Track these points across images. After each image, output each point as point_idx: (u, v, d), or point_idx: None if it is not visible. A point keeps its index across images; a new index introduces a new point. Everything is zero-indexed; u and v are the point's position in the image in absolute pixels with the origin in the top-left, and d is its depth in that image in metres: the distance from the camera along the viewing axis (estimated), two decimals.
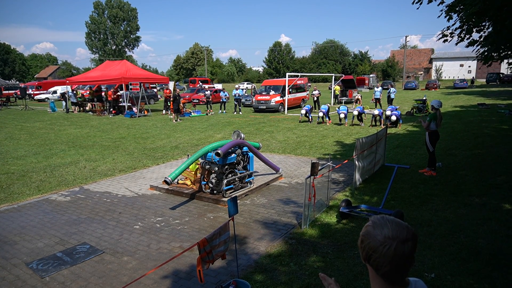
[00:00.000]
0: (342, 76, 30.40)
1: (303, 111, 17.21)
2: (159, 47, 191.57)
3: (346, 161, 7.94)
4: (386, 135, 8.94)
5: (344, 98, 27.76)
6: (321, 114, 16.81)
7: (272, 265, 4.29)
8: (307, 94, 26.73)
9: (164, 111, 22.97)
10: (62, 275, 4.21)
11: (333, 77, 26.95)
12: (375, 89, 21.39)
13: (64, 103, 25.55)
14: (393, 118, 14.60)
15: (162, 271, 4.20)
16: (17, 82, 47.88)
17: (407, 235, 1.21)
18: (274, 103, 22.66)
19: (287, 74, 23.60)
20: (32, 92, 40.19)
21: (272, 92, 23.66)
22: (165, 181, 6.17)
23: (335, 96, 26.91)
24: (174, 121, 18.83)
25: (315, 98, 23.49)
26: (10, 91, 36.00)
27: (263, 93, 24.13)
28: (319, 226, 5.41)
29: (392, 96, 20.83)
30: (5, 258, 4.62)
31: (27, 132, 15.93)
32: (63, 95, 26.11)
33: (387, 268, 1.21)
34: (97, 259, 4.57)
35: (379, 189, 6.95)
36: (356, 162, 6.86)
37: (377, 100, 21.81)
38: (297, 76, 25.48)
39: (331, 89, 30.10)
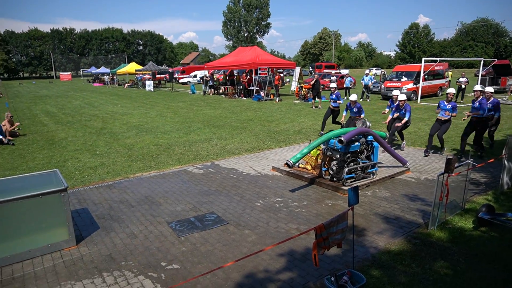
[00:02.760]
0: (495, 60, 25.85)
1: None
2: (288, 33, 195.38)
3: (491, 160, 6.82)
4: None
5: (496, 86, 23.62)
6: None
7: (390, 262, 4.06)
8: (446, 81, 23.71)
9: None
10: (194, 237, 4.81)
11: (481, 62, 23.03)
12: None
13: (203, 86, 28.63)
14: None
15: (278, 249, 4.40)
16: (167, 68, 55.50)
17: None
18: (405, 91, 20.82)
19: (423, 59, 21.23)
20: (177, 76, 46.02)
21: (404, 79, 21.78)
22: (287, 164, 6.36)
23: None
24: (314, 107, 18.62)
25: (463, 86, 20.26)
26: (161, 75, 41.97)
27: (394, 79, 22.38)
28: (449, 229, 4.84)
29: None
30: (153, 216, 5.52)
31: (172, 111, 18.42)
32: (202, 78, 29.28)
33: None
34: (223, 228, 5.06)
35: None
36: (506, 162, 5.84)
37: None
38: (435, 61, 22.76)
39: (477, 75, 25.93)
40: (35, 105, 23.19)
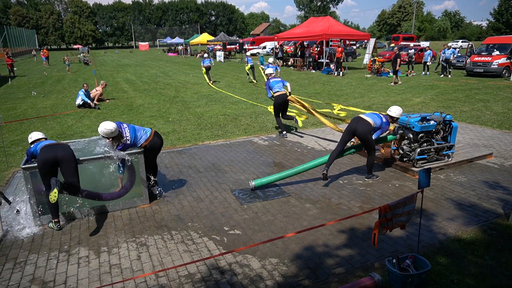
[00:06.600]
0: None
1: None
2: (363, 2, 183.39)
3: None
4: None
5: None
6: None
7: (460, 251, 3.80)
8: None
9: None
10: (256, 206, 4.96)
11: None
12: None
13: (271, 58, 28.46)
14: None
15: (339, 225, 4.36)
16: (237, 38, 55.97)
17: None
18: (496, 66, 18.59)
19: None
20: (247, 47, 46.21)
21: (495, 52, 19.38)
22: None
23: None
24: (393, 83, 17.07)
25: None
26: (231, 46, 42.50)
27: (483, 53, 20.04)
28: None
29: None
30: (218, 183, 5.78)
31: (241, 82, 18.68)
32: (273, 50, 29.11)
33: None
34: (284, 200, 5.13)
35: None
36: None
37: None
38: None
39: None
40: (117, 73, 25.16)
